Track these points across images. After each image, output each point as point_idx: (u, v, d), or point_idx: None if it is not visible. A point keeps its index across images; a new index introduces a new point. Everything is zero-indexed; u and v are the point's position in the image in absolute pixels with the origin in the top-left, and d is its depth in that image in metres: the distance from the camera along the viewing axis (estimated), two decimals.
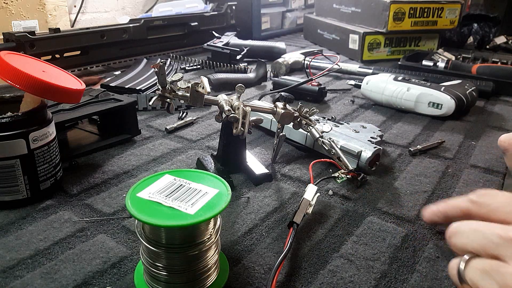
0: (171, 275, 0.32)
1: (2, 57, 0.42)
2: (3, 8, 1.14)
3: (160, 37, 1.11)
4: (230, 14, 1.29)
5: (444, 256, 0.39)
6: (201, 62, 1.04)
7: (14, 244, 0.39)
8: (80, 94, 0.47)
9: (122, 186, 0.50)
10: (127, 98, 0.61)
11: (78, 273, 0.36)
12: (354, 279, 0.36)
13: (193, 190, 0.33)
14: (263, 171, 0.51)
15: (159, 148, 0.60)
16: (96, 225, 0.42)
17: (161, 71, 0.45)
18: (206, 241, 0.32)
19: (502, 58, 1.11)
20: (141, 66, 0.95)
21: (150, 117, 0.72)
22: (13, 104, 0.47)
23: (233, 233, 0.42)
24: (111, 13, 1.47)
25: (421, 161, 0.58)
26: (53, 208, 0.45)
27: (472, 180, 0.53)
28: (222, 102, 0.48)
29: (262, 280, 0.35)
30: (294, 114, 0.53)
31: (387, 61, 1.13)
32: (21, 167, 0.43)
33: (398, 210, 0.46)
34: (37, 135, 0.44)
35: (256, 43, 1.15)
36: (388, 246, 0.40)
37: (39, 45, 0.85)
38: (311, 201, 0.41)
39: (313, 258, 0.38)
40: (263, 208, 0.46)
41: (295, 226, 0.38)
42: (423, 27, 1.13)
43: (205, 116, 0.73)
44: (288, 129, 0.59)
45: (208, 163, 0.53)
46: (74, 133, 0.64)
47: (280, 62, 0.98)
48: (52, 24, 1.26)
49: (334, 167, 0.54)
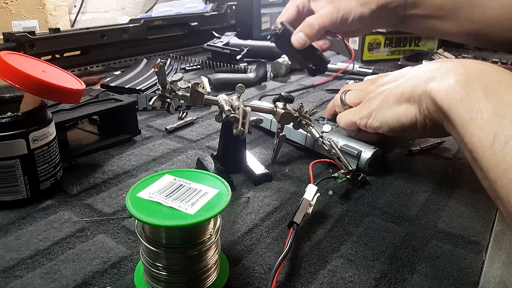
0: (171, 275, 0.32)
1: (2, 57, 0.42)
2: (3, 8, 1.14)
3: (160, 37, 1.11)
4: (230, 14, 1.29)
5: (444, 256, 0.39)
6: (201, 62, 1.04)
7: (14, 244, 0.39)
8: (80, 94, 0.47)
9: (122, 186, 0.50)
10: (127, 98, 0.61)
11: (78, 273, 0.36)
12: (354, 279, 0.36)
13: (193, 190, 0.33)
14: (263, 171, 0.51)
15: (159, 148, 0.60)
16: (96, 225, 0.42)
17: (161, 71, 0.45)
18: (206, 241, 0.32)
19: (502, 58, 1.11)
20: (141, 66, 0.94)
21: (150, 117, 0.72)
22: (13, 104, 0.47)
23: (233, 233, 0.42)
24: (111, 13, 1.47)
25: (421, 161, 0.58)
26: (53, 208, 0.45)
27: (472, 180, 0.53)
28: (222, 102, 0.48)
29: (262, 280, 0.35)
30: (294, 114, 0.53)
31: (387, 61, 1.13)
32: (21, 167, 0.43)
33: (398, 210, 0.46)
34: (37, 135, 0.44)
35: (256, 43, 1.15)
36: (388, 246, 0.40)
37: (39, 45, 0.85)
38: (311, 201, 0.41)
39: (313, 258, 0.38)
40: (263, 208, 0.46)
41: (295, 226, 0.38)
42: None
43: (205, 116, 0.73)
44: (288, 129, 0.59)
45: (208, 163, 0.53)
46: (74, 133, 0.64)
47: (280, 62, 0.98)
48: (52, 24, 1.26)
49: (334, 167, 0.54)
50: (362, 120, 0.51)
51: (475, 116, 0.35)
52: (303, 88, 0.89)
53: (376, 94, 0.51)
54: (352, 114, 0.53)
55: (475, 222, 0.44)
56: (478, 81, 0.37)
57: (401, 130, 0.48)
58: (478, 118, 0.35)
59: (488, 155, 0.33)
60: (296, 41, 0.76)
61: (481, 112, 0.35)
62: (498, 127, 0.33)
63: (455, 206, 0.47)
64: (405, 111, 0.46)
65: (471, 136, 0.35)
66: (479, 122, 0.35)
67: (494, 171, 0.33)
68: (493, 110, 0.34)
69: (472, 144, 0.35)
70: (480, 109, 0.35)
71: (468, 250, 0.40)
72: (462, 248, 0.40)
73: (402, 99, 0.46)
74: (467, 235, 0.42)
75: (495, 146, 0.33)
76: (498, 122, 0.33)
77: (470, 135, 0.35)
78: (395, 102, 0.47)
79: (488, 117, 0.34)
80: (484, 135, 0.34)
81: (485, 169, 0.34)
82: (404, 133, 0.50)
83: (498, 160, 0.32)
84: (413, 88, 0.45)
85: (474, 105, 0.36)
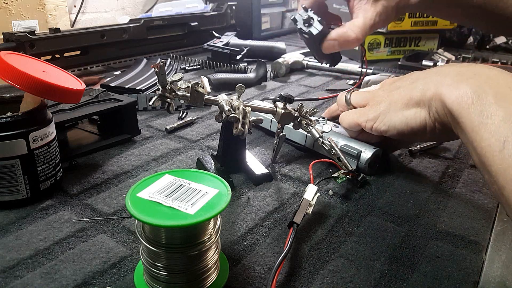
0: (171, 275, 0.32)
1: (2, 57, 0.42)
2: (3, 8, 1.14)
3: (160, 37, 1.11)
4: (230, 14, 1.29)
5: (444, 256, 0.39)
6: (201, 62, 1.04)
7: (14, 244, 0.39)
8: (80, 94, 0.47)
9: (122, 186, 0.50)
10: (127, 98, 0.61)
11: (78, 273, 0.36)
12: (354, 279, 0.36)
13: (193, 190, 0.33)
14: (263, 171, 0.51)
15: (159, 148, 0.60)
16: (96, 225, 0.42)
17: (161, 71, 0.45)
18: (206, 241, 0.32)
19: (502, 58, 1.11)
20: (141, 66, 0.94)
21: (150, 117, 0.72)
22: (13, 104, 0.47)
23: (233, 233, 0.42)
24: (111, 13, 1.47)
25: (421, 161, 0.58)
26: (53, 208, 0.45)
27: (472, 180, 0.53)
28: (222, 102, 0.48)
29: (262, 280, 0.35)
30: (294, 114, 0.53)
31: (387, 61, 1.13)
32: (21, 167, 0.43)
33: (398, 210, 0.46)
34: (37, 135, 0.44)
35: (256, 43, 1.15)
36: (388, 246, 0.40)
37: (39, 45, 0.85)
38: (311, 201, 0.41)
39: (313, 258, 0.38)
40: (263, 208, 0.46)
41: (295, 226, 0.38)
42: (423, 27, 1.13)
43: (205, 116, 0.73)
44: (288, 129, 0.59)
45: (208, 163, 0.53)
46: (74, 133, 0.64)
47: (280, 62, 0.98)
48: (52, 24, 1.26)
49: (334, 167, 0.54)
50: (368, 123, 0.51)
51: (485, 120, 0.35)
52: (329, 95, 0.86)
53: (384, 98, 0.51)
54: (358, 115, 0.53)
55: (475, 222, 0.44)
56: (489, 86, 0.37)
57: (410, 134, 0.47)
58: (489, 122, 0.35)
59: (497, 160, 0.33)
60: (327, 48, 0.68)
61: (491, 117, 0.35)
62: (508, 132, 0.33)
63: (455, 206, 0.47)
64: (415, 115, 0.46)
65: (481, 140, 0.35)
66: (489, 127, 0.35)
67: (503, 176, 0.33)
68: (504, 115, 0.34)
69: (482, 148, 0.35)
70: (490, 114, 0.35)
71: (468, 250, 0.40)
72: (462, 248, 0.40)
73: (411, 102, 0.46)
74: (467, 235, 0.42)
75: (505, 152, 0.33)
76: (508, 128, 0.33)
77: (480, 139, 0.35)
78: (404, 106, 0.47)
79: (499, 122, 0.34)
80: (494, 140, 0.34)
81: (494, 174, 0.34)
82: (413, 137, 0.49)
83: (507, 165, 0.32)
84: (423, 92, 0.45)
85: (485, 110, 0.36)
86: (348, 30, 0.65)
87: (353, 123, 0.53)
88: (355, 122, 0.53)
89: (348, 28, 0.65)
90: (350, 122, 0.54)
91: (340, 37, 0.66)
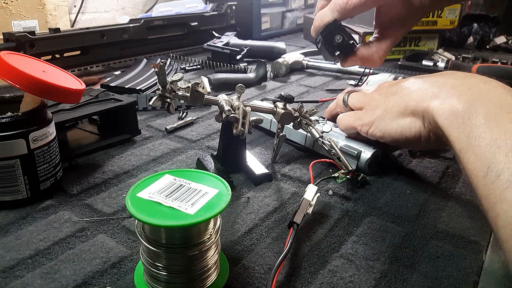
0: (171, 275, 0.32)
1: (2, 57, 0.42)
2: (3, 8, 1.14)
3: (160, 37, 1.11)
4: (230, 14, 1.29)
5: (444, 256, 0.39)
6: (201, 62, 1.04)
7: (14, 244, 0.39)
8: (80, 94, 0.47)
9: (122, 186, 0.50)
10: (127, 98, 0.61)
11: (78, 273, 0.36)
12: (354, 279, 0.36)
13: (193, 190, 0.33)
14: (263, 171, 0.51)
15: (159, 148, 0.60)
16: (96, 225, 0.42)
17: (161, 71, 0.45)
18: (206, 241, 0.32)
19: (502, 58, 1.11)
20: (141, 66, 0.94)
21: (150, 117, 0.72)
22: (13, 104, 0.47)
23: (233, 233, 0.42)
24: (111, 13, 1.47)
25: (421, 161, 0.58)
26: (53, 208, 0.45)
27: None
28: (222, 102, 0.48)
29: (262, 280, 0.35)
30: (294, 114, 0.53)
31: (387, 61, 1.13)
32: (21, 167, 0.43)
33: (398, 210, 0.46)
34: (37, 135, 0.44)
35: (256, 43, 1.15)
36: (388, 246, 0.40)
37: (39, 45, 0.85)
38: (311, 201, 0.41)
39: (313, 258, 0.38)
40: (263, 208, 0.46)
41: (295, 226, 0.38)
42: (423, 27, 1.13)
43: (205, 116, 0.73)
44: (288, 129, 0.59)
45: (208, 163, 0.53)
46: (74, 133, 0.64)
47: (280, 62, 0.98)
48: (52, 24, 1.26)
49: (334, 167, 0.54)
50: (363, 127, 0.51)
51: (473, 142, 0.35)
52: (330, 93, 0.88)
53: (379, 103, 0.50)
54: (353, 119, 0.53)
55: (475, 222, 0.44)
56: (481, 104, 0.37)
57: (404, 142, 0.47)
58: (476, 144, 0.35)
59: (481, 185, 0.33)
60: (349, 63, 0.61)
61: (479, 138, 0.35)
62: (492, 157, 0.33)
63: (455, 206, 0.47)
64: (409, 125, 0.46)
65: (468, 163, 0.35)
66: (476, 150, 0.34)
67: (485, 201, 0.32)
68: (491, 138, 0.34)
69: (468, 171, 0.35)
70: (478, 135, 0.35)
71: (468, 250, 0.40)
72: (462, 248, 0.40)
73: (406, 112, 0.46)
74: (467, 235, 0.42)
75: (488, 178, 0.32)
76: (493, 153, 0.33)
77: (467, 161, 0.35)
78: (399, 115, 0.47)
79: (485, 145, 0.34)
80: (480, 164, 0.33)
81: (479, 197, 0.34)
82: (407, 145, 0.50)
83: (489, 192, 0.32)
84: (418, 103, 0.44)
85: (473, 131, 0.35)
86: (375, 53, 0.60)
87: (349, 126, 0.54)
88: (351, 126, 0.53)
89: (376, 51, 0.60)
90: (346, 125, 0.54)
91: (367, 58, 0.61)
